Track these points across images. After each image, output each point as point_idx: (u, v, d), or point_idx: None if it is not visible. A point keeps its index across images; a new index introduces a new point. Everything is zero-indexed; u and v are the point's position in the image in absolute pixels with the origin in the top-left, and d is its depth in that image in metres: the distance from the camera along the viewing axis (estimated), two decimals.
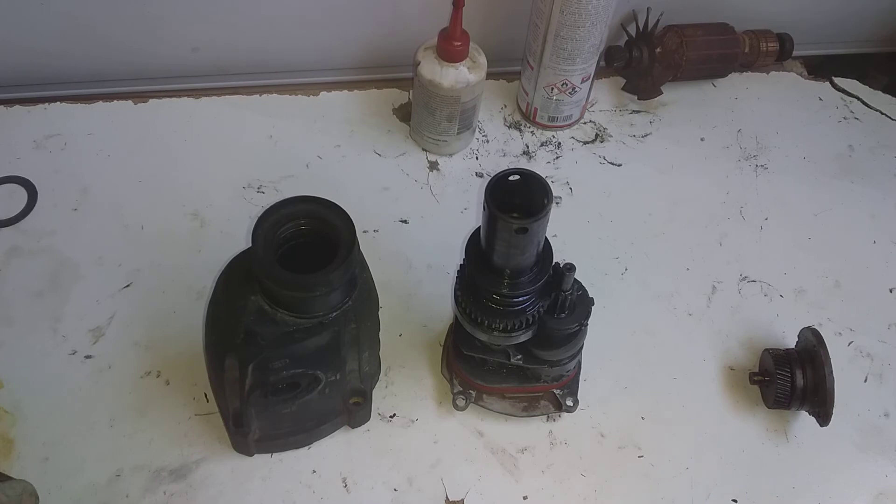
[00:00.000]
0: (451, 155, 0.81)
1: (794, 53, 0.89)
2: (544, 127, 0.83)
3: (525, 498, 0.61)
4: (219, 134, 0.80)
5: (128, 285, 0.69)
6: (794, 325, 0.70)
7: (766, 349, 0.67)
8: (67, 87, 0.83)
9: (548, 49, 0.76)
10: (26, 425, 0.60)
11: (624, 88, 0.87)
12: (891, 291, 0.75)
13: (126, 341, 0.65)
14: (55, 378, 0.63)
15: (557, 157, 0.82)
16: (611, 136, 0.84)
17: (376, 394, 0.64)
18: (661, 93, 0.85)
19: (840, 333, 0.72)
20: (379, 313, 0.59)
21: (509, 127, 0.84)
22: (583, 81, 0.79)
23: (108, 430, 0.61)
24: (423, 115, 0.76)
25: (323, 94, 0.85)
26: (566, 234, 0.74)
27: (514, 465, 0.62)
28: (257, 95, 0.84)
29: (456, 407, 0.63)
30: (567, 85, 0.79)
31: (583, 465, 0.63)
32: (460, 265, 0.56)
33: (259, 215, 0.52)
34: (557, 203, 0.78)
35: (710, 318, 0.71)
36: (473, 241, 0.53)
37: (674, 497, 0.62)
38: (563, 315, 0.56)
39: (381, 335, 0.60)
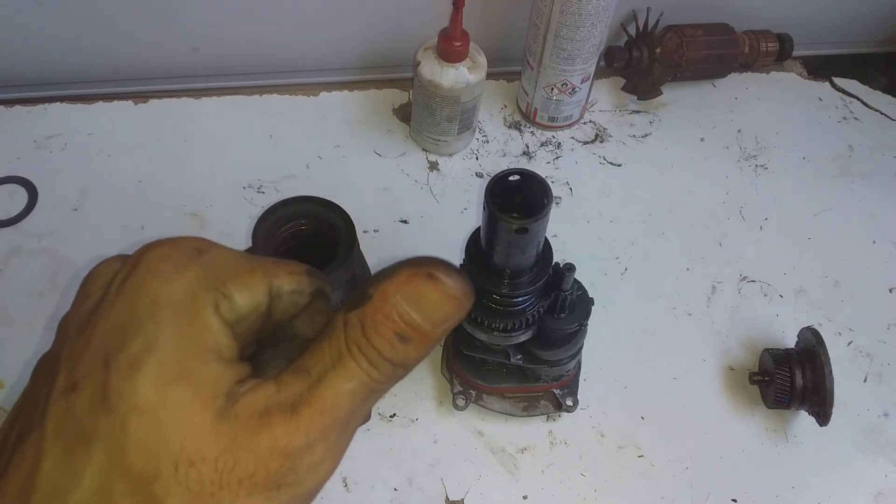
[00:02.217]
0: (451, 155, 0.81)
1: (794, 53, 0.89)
2: (544, 127, 0.83)
3: (525, 498, 0.61)
4: (219, 134, 0.80)
5: None
6: (793, 325, 0.70)
7: (766, 349, 0.67)
8: (67, 87, 0.83)
9: (548, 49, 0.76)
10: None
11: (624, 88, 0.87)
12: (891, 291, 0.75)
13: None
14: None
15: (557, 157, 0.82)
16: (611, 136, 0.84)
17: None
18: (661, 93, 0.85)
19: (840, 333, 0.72)
20: None
21: (509, 127, 0.84)
22: (583, 81, 0.79)
23: None
24: (423, 115, 0.76)
25: (323, 94, 0.85)
26: (566, 234, 0.74)
27: (514, 464, 0.62)
28: (257, 95, 0.84)
29: (456, 407, 0.63)
30: (567, 85, 0.79)
31: (583, 465, 0.63)
32: (460, 265, 0.56)
33: (259, 215, 0.52)
34: (557, 203, 0.78)
35: (710, 318, 0.72)
36: (473, 241, 0.53)
37: (674, 497, 0.62)
38: (563, 315, 0.56)
39: None
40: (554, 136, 0.83)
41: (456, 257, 0.58)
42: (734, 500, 0.62)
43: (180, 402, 0.25)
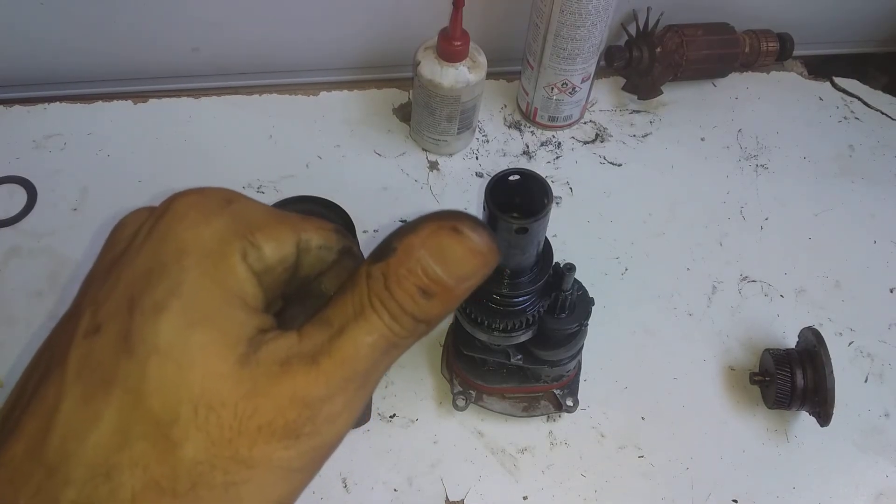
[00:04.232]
0: (451, 155, 0.81)
1: (795, 53, 0.89)
2: (544, 127, 0.83)
3: (525, 498, 0.61)
4: (218, 134, 0.80)
5: None
6: (794, 325, 0.70)
7: (767, 349, 0.67)
8: (67, 87, 0.83)
9: (548, 49, 0.76)
10: None
11: (624, 88, 0.87)
12: (891, 291, 0.75)
13: None
14: None
15: (557, 157, 0.82)
16: (611, 136, 0.84)
17: (376, 394, 0.64)
18: (661, 93, 0.85)
19: (840, 333, 0.72)
20: None
21: (509, 127, 0.84)
22: (583, 81, 0.79)
23: None
24: (423, 115, 0.76)
25: (323, 94, 0.85)
26: (566, 234, 0.74)
27: (514, 465, 0.62)
28: (257, 95, 0.84)
29: (456, 407, 0.63)
30: (567, 85, 0.79)
31: (583, 466, 0.63)
32: None
33: None
34: (557, 203, 0.78)
35: (711, 318, 0.71)
36: None
37: (674, 497, 0.62)
38: (563, 315, 0.56)
39: None
40: (554, 136, 0.83)
41: None
42: (735, 501, 0.62)
43: (202, 346, 0.24)
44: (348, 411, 0.26)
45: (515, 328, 0.54)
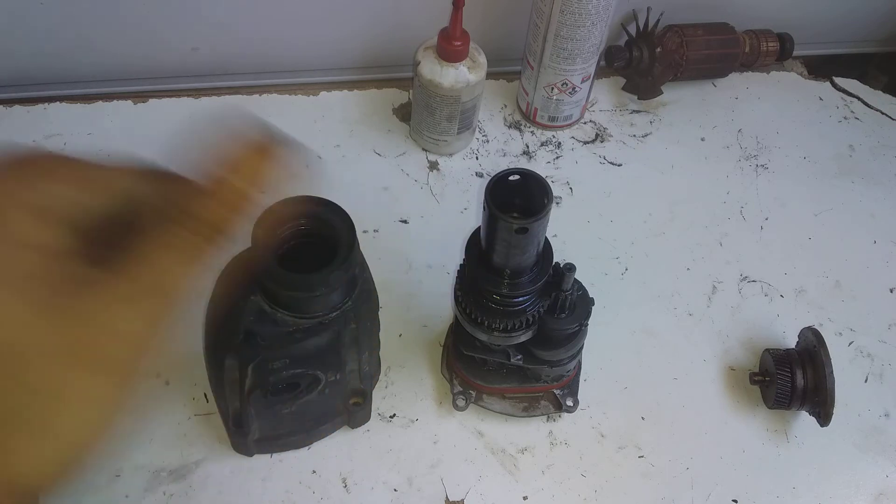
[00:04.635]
0: (451, 155, 0.81)
1: (795, 53, 0.89)
2: (544, 127, 0.83)
3: (525, 498, 0.61)
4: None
5: None
6: (794, 325, 0.70)
7: (767, 349, 0.67)
8: (67, 87, 0.83)
9: (548, 49, 0.76)
10: None
11: (624, 88, 0.87)
12: (891, 291, 0.75)
13: None
14: None
15: (557, 157, 0.82)
16: (611, 136, 0.84)
17: (376, 394, 0.64)
18: (661, 93, 0.85)
19: (840, 333, 0.72)
20: (379, 313, 0.59)
21: (509, 127, 0.84)
22: (583, 81, 0.79)
23: None
24: (423, 115, 0.76)
25: (323, 94, 0.84)
26: (566, 234, 0.74)
27: (514, 465, 0.62)
28: (257, 95, 0.84)
29: (456, 407, 0.63)
30: (567, 85, 0.79)
31: (583, 466, 0.63)
32: (460, 265, 0.56)
33: (259, 215, 0.52)
34: (557, 203, 0.78)
35: (711, 318, 0.71)
36: (473, 241, 0.53)
37: (674, 497, 0.62)
38: (563, 315, 0.56)
39: (381, 335, 0.60)
40: (554, 136, 0.83)
41: (456, 257, 0.58)
42: (735, 501, 0.62)
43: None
44: (151, 331, 0.28)
45: (515, 328, 0.54)
